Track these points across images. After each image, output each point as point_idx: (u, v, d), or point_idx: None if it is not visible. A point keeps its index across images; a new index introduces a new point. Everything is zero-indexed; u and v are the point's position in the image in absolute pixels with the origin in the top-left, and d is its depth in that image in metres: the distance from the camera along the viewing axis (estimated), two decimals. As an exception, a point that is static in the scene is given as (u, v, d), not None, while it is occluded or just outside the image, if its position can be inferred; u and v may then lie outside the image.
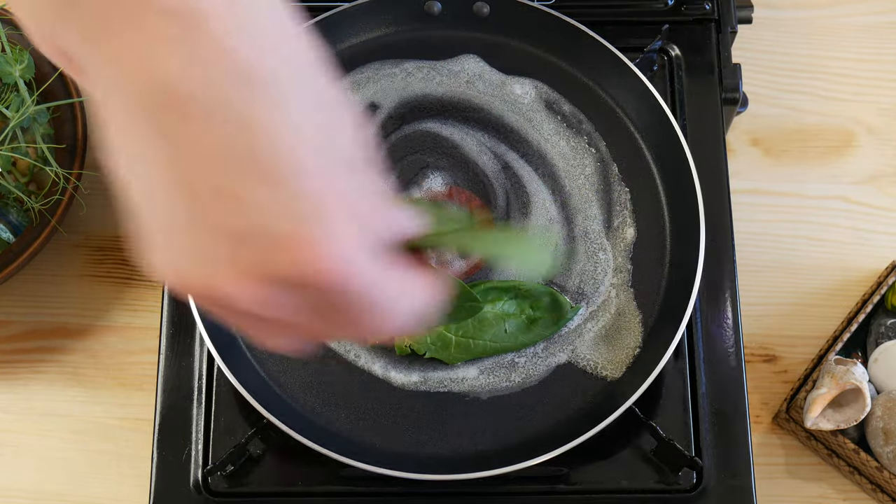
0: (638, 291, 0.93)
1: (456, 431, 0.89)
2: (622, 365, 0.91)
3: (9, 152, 0.98)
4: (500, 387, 0.91)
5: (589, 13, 1.04)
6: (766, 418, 1.03)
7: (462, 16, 1.02)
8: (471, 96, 1.00)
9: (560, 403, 0.90)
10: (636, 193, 0.97)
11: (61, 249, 1.08)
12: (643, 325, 0.92)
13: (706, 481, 0.90)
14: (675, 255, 0.94)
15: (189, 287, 0.47)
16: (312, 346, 0.56)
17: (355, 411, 0.90)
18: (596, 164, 0.98)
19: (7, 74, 1.00)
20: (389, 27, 1.02)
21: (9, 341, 1.05)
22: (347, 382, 0.91)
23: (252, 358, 0.92)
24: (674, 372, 0.93)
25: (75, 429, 1.02)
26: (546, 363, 0.91)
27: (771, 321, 1.06)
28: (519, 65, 1.01)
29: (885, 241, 1.09)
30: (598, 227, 0.96)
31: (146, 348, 1.04)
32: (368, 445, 0.89)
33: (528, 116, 1.00)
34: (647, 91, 0.96)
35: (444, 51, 1.02)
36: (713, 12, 1.04)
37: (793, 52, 1.16)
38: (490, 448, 0.89)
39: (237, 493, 0.90)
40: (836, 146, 1.13)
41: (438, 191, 0.97)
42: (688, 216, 0.93)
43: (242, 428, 0.91)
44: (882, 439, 0.94)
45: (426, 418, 0.90)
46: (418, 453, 0.89)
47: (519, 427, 0.89)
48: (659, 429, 0.89)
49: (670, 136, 0.95)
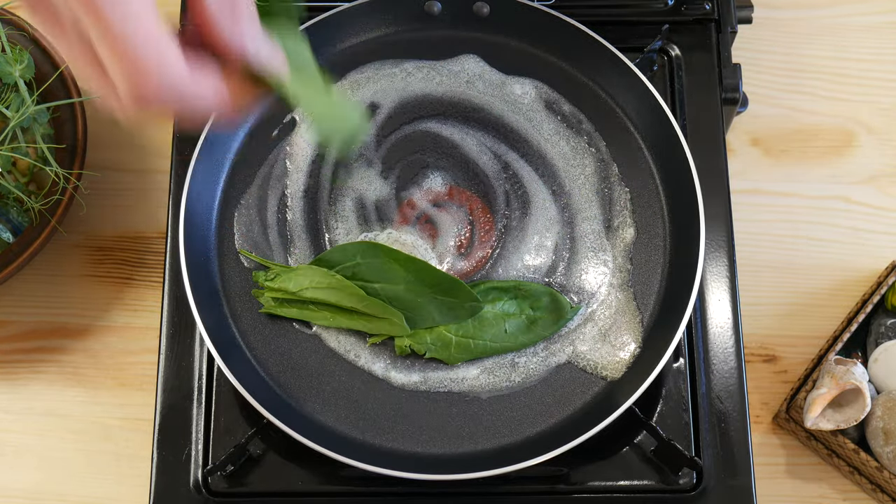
0: (638, 291, 0.93)
1: (456, 431, 0.89)
2: (622, 365, 0.91)
3: (9, 152, 0.98)
4: (501, 387, 0.91)
5: (589, 13, 1.04)
6: (766, 418, 1.03)
7: (462, 16, 1.02)
8: (471, 96, 1.01)
9: (560, 403, 0.90)
10: (636, 193, 0.97)
11: (61, 249, 1.08)
12: (643, 325, 0.92)
13: (706, 481, 0.90)
14: (674, 256, 0.94)
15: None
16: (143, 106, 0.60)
17: (355, 411, 0.90)
18: (596, 164, 0.98)
19: (7, 74, 1.00)
20: (389, 27, 1.02)
21: (9, 341, 1.05)
22: (348, 383, 0.91)
23: (252, 358, 0.92)
24: (674, 372, 0.93)
25: (75, 429, 1.02)
26: (546, 363, 0.91)
27: (771, 321, 1.06)
28: (519, 65, 1.01)
29: (885, 241, 1.09)
30: (597, 227, 0.96)
31: (146, 348, 1.04)
32: (368, 445, 0.89)
33: (528, 116, 1.00)
34: (647, 91, 0.96)
35: (444, 51, 1.02)
36: (713, 12, 1.04)
37: (793, 52, 1.17)
38: (490, 448, 0.89)
39: (237, 493, 0.90)
40: (836, 146, 1.13)
41: (439, 191, 0.97)
42: (688, 216, 0.93)
43: (242, 428, 0.91)
44: (882, 439, 0.94)
45: (426, 418, 0.90)
46: (418, 453, 0.89)
47: (519, 427, 0.89)
48: (659, 429, 0.89)
49: (670, 136, 0.95)
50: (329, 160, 0.98)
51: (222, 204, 0.97)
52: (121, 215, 1.09)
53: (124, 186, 1.10)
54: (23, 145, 1.00)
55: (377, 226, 0.96)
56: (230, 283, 0.94)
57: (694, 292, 0.89)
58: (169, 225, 0.97)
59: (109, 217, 1.09)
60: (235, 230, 0.96)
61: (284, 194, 0.97)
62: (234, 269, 0.94)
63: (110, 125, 1.12)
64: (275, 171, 0.98)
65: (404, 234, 0.96)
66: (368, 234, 0.95)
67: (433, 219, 0.96)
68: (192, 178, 0.93)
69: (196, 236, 0.94)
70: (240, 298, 0.93)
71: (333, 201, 0.97)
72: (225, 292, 0.94)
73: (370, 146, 0.99)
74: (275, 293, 0.92)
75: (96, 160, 1.10)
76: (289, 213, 0.97)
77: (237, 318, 0.93)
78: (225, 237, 0.95)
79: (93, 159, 1.10)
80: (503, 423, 0.89)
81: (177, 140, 1.00)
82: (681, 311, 0.89)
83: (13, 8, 1.07)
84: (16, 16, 1.04)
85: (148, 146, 1.11)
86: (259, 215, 0.96)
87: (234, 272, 0.94)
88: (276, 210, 0.97)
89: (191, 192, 0.93)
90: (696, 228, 0.91)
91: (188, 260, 0.91)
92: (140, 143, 1.12)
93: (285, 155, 0.98)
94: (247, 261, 0.95)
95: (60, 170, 0.98)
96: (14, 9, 1.07)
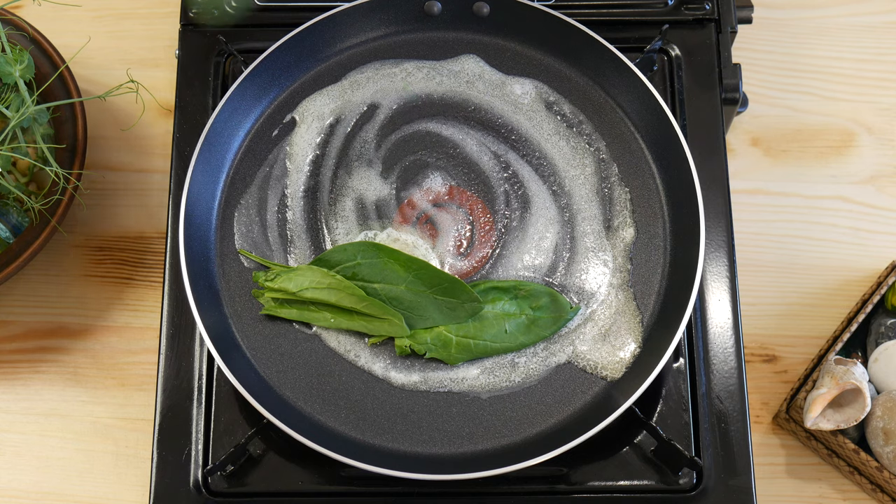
0: (638, 291, 0.93)
1: (456, 431, 0.89)
2: (622, 365, 0.91)
3: (9, 152, 0.98)
4: (501, 387, 0.91)
5: (589, 13, 1.04)
6: (766, 418, 1.03)
7: (462, 16, 1.02)
8: (471, 96, 1.01)
9: (560, 403, 0.90)
10: (636, 193, 0.97)
11: (61, 249, 1.08)
12: (643, 325, 0.92)
13: (706, 481, 0.90)
14: (674, 256, 0.94)
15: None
16: None
17: (355, 411, 0.90)
18: (596, 164, 0.98)
19: (7, 74, 1.00)
20: (389, 27, 1.02)
21: (9, 341, 1.05)
22: (348, 382, 0.91)
23: (252, 358, 0.92)
24: (674, 372, 0.93)
25: (75, 429, 1.02)
26: (546, 363, 0.91)
27: (771, 321, 1.06)
28: (519, 65, 1.01)
29: (885, 241, 1.09)
30: (597, 227, 0.96)
31: (146, 348, 1.04)
32: (368, 445, 0.89)
33: (528, 116, 1.00)
34: (647, 91, 0.96)
35: (444, 51, 1.02)
36: (713, 12, 1.04)
37: (793, 52, 1.17)
38: (490, 448, 0.89)
39: (237, 493, 0.90)
40: (836, 146, 1.13)
41: (439, 191, 0.97)
42: (688, 216, 0.93)
43: (242, 428, 0.91)
44: (882, 439, 0.94)
45: (426, 418, 0.90)
46: (418, 453, 0.89)
47: (519, 427, 0.89)
48: (659, 429, 0.89)
49: (670, 136, 0.95)
50: (329, 160, 0.98)
51: (222, 204, 0.97)
52: (121, 215, 1.09)
53: (124, 186, 1.10)
54: (23, 145, 1.00)
55: (377, 225, 0.96)
56: (230, 283, 0.94)
57: (694, 292, 0.89)
58: (169, 225, 0.97)
59: (109, 217, 1.09)
60: (235, 230, 0.96)
61: (284, 194, 0.97)
62: (234, 269, 0.94)
63: (110, 125, 1.12)
64: (275, 171, 0.98)
65: (404, 233, 0.96)
66: (368, 234, 0.95)
67: (433, 219, 0.96)
68: (193, 179, 0.93)
69: (196, 236, 0.94)
70: (240, 298, 0.93)
71: (333, 201, 0.97)
72: (225, 292, 0.94)
73: (370, 146, 0.99)
74: (275, 293, 0.92)
75: (96, 160, 1.11)
76: (289, 212, 0.97)
77: (237, 317, 0.93)
78: (225, 237, 0.95)
79: (93, 159, 1.10)
80: (503, 423, 0.89)
81: (177, 140, 1.00)
82: (681, 311, 0.89)
83: (13, 8, 1.07)
84: (16, 16, 1.04)
85: (148, 146, 1.12)
86: (259, 215, 0.96)
87: (234, 272, 0.94)
88: (276, 210, 0.97)
89: (191, 192, 0.93)
90: (696, 229, 0.91)
91: (188, 260, 0.91)
92: (140, 143, 1.12)
93: (285, 155, 0.98)
94: (247, 261, 0.95)
95: (60, 170, 0.98)
96: (14, 9, 1.08)
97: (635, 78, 0.97)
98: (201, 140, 0.94)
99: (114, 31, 1.16)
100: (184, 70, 1.02)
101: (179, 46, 1.03)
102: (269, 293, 0.92)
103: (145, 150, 1.11)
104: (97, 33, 1.15)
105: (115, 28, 1.16)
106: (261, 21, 1.05)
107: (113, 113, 1.12)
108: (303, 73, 1.01)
